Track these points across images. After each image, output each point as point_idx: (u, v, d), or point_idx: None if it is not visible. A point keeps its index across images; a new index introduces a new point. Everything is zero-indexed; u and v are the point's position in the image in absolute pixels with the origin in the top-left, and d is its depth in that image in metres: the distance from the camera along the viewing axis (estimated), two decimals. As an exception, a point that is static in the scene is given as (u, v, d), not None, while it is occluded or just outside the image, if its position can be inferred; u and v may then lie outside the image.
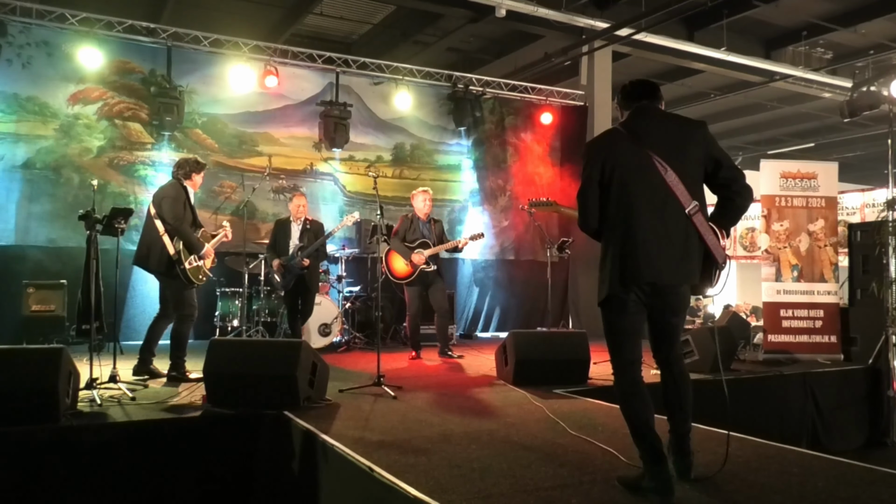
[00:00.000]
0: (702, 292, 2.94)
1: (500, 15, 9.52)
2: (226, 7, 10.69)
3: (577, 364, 5.37)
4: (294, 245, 6.96)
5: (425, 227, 7.14)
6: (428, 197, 7.21)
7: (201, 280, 5.54)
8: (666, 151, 2.76)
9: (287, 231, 7.05)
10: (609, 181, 2.81)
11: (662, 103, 2.98)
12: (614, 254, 2.79)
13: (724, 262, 2.81)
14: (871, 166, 19.27)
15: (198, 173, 5.71)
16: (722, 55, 11.28)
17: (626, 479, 2.84)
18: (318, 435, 3.67)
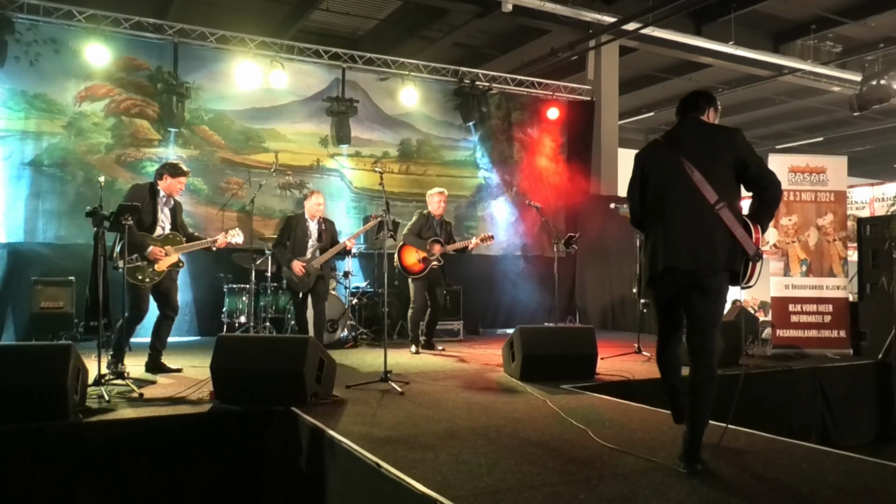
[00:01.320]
0: (739, 284, 3.14)
1: (506, 10, 9.49)
2: (232, 3, 10.70)
3: (584, 359, 5.36)
4: (312, 245, 6.85)
5: (438, 226, 7.36)
6: (443, 198, 7.39)
7: (141, 280, 5.30)
8: (694, 155, 3.19)
9: (305, 229, 6.87)
10: (647, 182, 3.34)
11: (710, 112, 3.40)
12: (651, 242, 3.28)
13: (755, 254, 3.08)
14: (880, 160, 19.17)
15: (172, 177, 5.57)
16: (730, 49, 11.23)
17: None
18: (326, 431, 3.67)
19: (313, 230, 6.88)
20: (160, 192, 5.54)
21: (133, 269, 5.24)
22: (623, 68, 12.91)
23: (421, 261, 7.08)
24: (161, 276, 5.40)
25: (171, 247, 5.45)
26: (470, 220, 10.10)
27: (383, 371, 5.03)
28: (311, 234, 6.85)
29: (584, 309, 10.47)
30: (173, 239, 5.52)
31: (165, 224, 5.56)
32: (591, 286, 10.39)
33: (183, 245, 5.54)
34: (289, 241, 6.85)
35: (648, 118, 17.20)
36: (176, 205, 5.74)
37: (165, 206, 5.58)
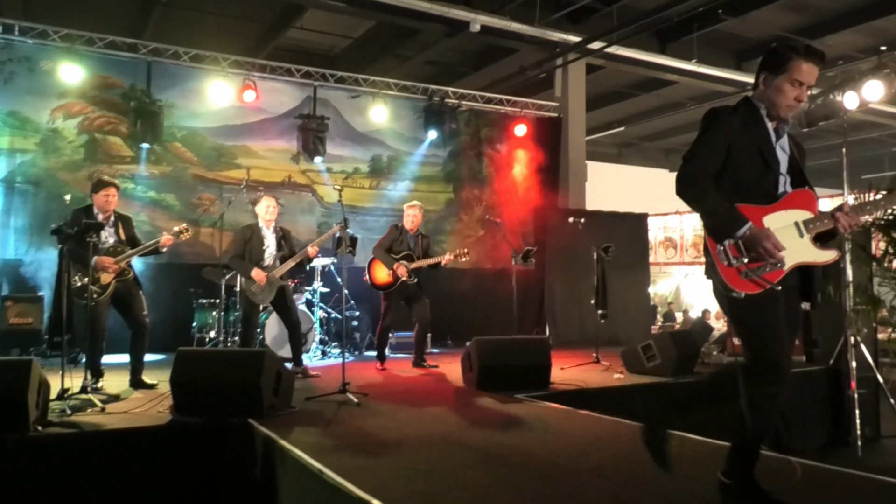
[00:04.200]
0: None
1: (474, 30, 9.76)
2: (209, 22, 10.87)
3: (538, 369, 5.55)
4: (271, 254, 6.46)
5: (412, 240, 7.24)
6: (414, 212, 7.27)
7: (87, 298, 5.26)
8: None
9: (260, 238, 6.47)
10: None
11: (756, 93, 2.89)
12: None
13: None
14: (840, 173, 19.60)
15: (94, 193, 5.62)
16: (693, 67, 11.56)
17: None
18: (277, 441, 3.82)
19: (270, 239, 6.50)
20: (95, 211, 5.61)
21: (80, 290, 5.28)
22: (592, 85, 13.23)
23: (390, 275, 7.02)
24: (109, 289, 5.45)
25: (112, 257, 5.48)
26: (440, 235, 10.28)
27: (342, 383, 5.17)
28: (269, 243, 6.49)
29: (555, 321, 10.66)
30: (114, 251, 5.53)
31: (109, 240, 5.60)
32: (560, 298, 10.59)
33: (126, 254, 5.56)
34: (246, 252, 6.45)
35: (621, 132, 17.53)
36: (119, 219, 5.76)
37: (105, 222, 5.60)
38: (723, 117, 2.69)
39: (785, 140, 2.76)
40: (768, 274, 2.57)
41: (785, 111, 2.69)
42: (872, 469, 6.08)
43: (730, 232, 2.57)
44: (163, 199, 8.55)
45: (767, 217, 2.63)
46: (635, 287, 11.39)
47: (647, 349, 6.35)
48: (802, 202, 2.69)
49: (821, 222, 2.65)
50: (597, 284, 7.33)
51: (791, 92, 2.65)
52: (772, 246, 2.53)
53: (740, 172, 2.66)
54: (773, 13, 10.92)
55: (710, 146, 2.65)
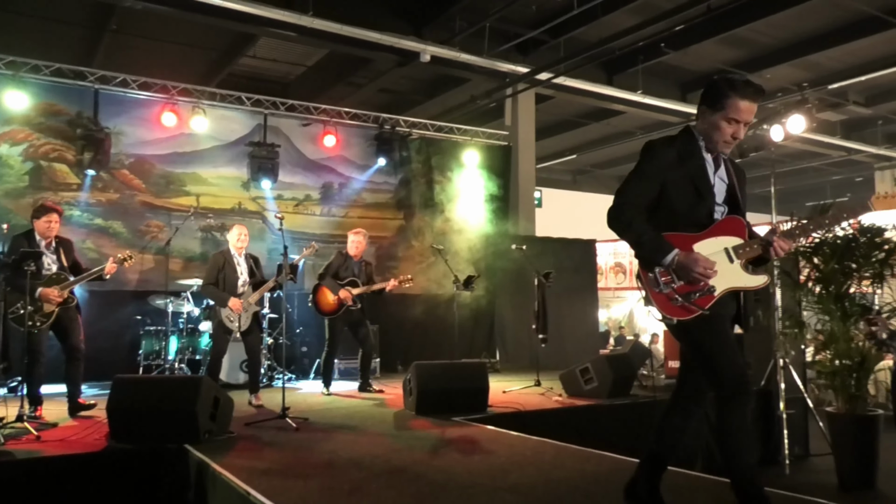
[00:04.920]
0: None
1: (424, 60, 10.00)
2: (161, 49, 10.93)
3: (476, 392, 5.68)
4: (245, 282, 6.47)
5: (356, 267, 7.35)
6: (358, 239, 7.39)
7: (32, 326, 5.29)
8: None
9: (233, 267, 6.46)
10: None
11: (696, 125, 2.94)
12: None
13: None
14: (790, 199, 20.29)
15: (36, 219, 5.64)
16: (638, 97, 11.97)
17: None
18: (210, 465, 3.88)
19: (243, 266, 6.53)
20: (37, 237, 5.61)
21: (20, 318, 5.27)
22: (543, 114, 13.59)
23: (335, 301, 7.12)
24: (51, 317, 5.45)
25: (56, 287, 5.48)
26: (392, 261, 10.40)
27: (281, 408, 5.23)
28: (241, 271, 6.50)
29: (504, 345, 10.82)
30: (57, 279, 5.54)
31: (52, 267, 5.61)
32: (510, 323, 10.77)
33: (68, 282, 5.57)
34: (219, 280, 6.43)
35: (574, 160, 17.95)
36: (61, 245, 5.76)
37: (47, 248, 5.63)
38: (657, 151, 2.76)
39: (723, 170, 2.82)
40: (699, 299, 2.61)
41: (721, 147, 2.76)
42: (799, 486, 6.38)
43: (658, 260, 2.63)
44: (110, 226, 8.53)
45: (697, 244, 2.69)
46: (584, 311, 11.65)
47: (584, 372, 6.54)
48: (732, 229, 2.75)
49: (750, 248, 2.72)
50: (537, 309, 7.52)
51: (727, 129, 2.72)
52: (702, 269, 2.59)
53: (674, 203, 2.73)
54: (714, 47, 11.41)
55: (642, 180, 2.74)
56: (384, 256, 10.37)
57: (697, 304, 2.61)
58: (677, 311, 2.63)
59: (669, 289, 2.63)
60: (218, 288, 6.39)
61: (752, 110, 2.72)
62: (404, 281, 7.32)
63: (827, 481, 6.37)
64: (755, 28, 10.64)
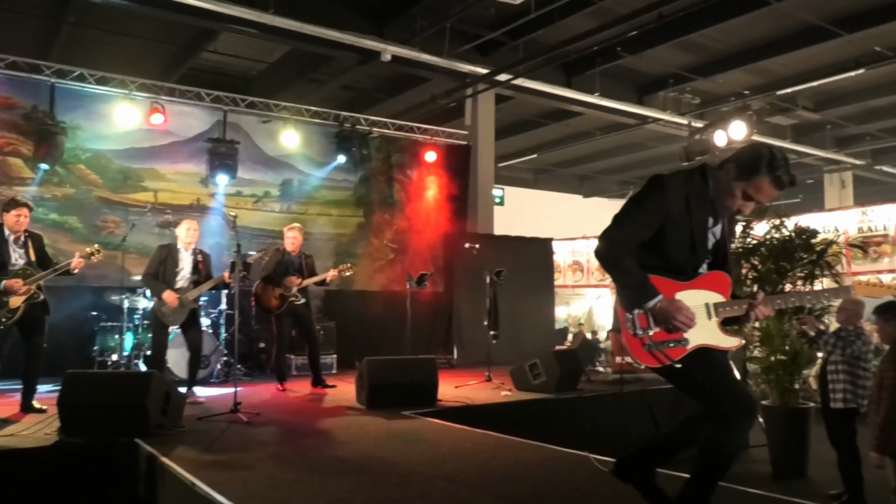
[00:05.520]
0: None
1: (385, 59, 10.09)
2: (120, 43, 10.82)
3: (426, 387, 5.86)
4: (185, 277, 6.47)
5: (296, 261, 7.43)
6: (294, 234, 7.48)
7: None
8: None
9: (176, 260, 6.48)
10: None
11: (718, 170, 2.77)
12: None
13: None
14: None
15: (5, 212, 5.64)
16: (595, 99, 12.22)
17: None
18: (159, 457, 3.98)
19: (187, 261, 6.53)
20: (6, 232, 5.62)
21: None
22: (504, 114, 13.79)
23: (277, 298, 7.18)
24: (17, 313, 5.48)
25: (21, 280, 5.49)
26: (351, 258, 10.45)
27: (233, 403, 5.34)
28: (184, 266, 6.51)
29: (461, 341, 11.00)
30: (23, 273, 5.55)
31: (20, 261, 5.61)
32: (467, 320, 10.94)
33: (36, 276, 5.58)
34: (160, 272, 6.47)
35: (535, 159, 18.20)
36: (29, 239, 5.77)
37: (15, 243, 5.64)
38: (668, 193, 2.62)
39: (719, 227, 2.73)
40: (671, 350, 2.53)
41: (723, 211, 2.69)
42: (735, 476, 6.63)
43: (640, 302, 2.52)
44: (66, 221, 8.49)
45: (680, 293, 2.60)
46: (541, 309, 11.89)
47: (533, 367, 6.75)
48: (716, 285, 2.67)
49: (731, 308, 2.65)
50: (489, 306, 7.72)
51: (740, 201, 2.61)
52: (684, 318, 2.50)
53: (667, 248, 2.63)
54: (669, 52, 11.69)
55: (643, 220, 2.61)
56: (343, 254, 10.46)
57: (668, 355, 2.53)
58: (647, 358, 2.56)
59: (644, 334, 2.54)
60: (157, 280, 6.43)
61: (773, 196, 2.62)
62: (343, 270, 7.41)
63: (762, 471, 6.68)
64: (708, 34, 10.95)
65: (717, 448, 2.60)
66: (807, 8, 9.89)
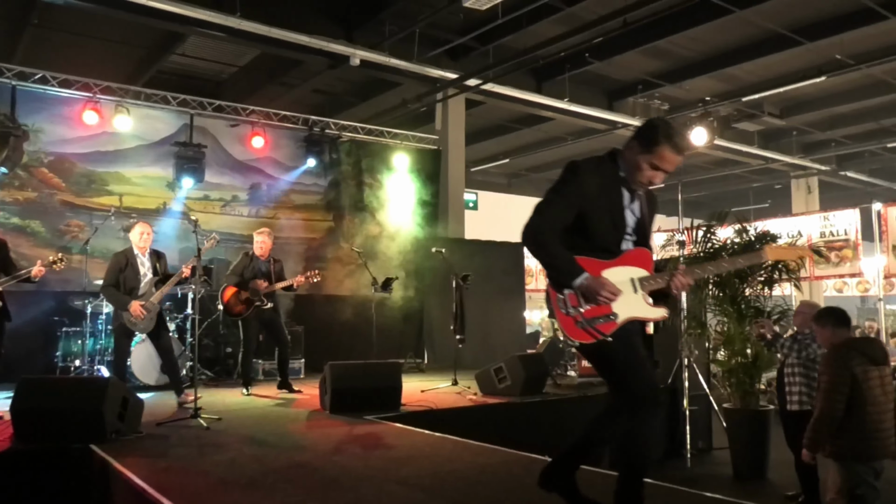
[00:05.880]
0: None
1: (354, 64, 10.10)
2: (86, 46, 10.72)
3: (389, 391, 5.85)
4: (147, 281, 6.39)
5: (264, 266, 7.40)
6: (263, 238, 7.45)
7: None
8: None
9: (135, 266, 6.38)
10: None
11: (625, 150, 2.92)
12: None
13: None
14: (713, 205, 21.14)
15: None
16: (565, 105, 12.31)
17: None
18: (112, 463, 3.94)
19: (146, 265, 6.44)
20: None
21: None
22: (475, 118, 13.86)
23: (243, 301, 7.15)
24: None
25: None
26: (320, 262, 10.44)
27: (194, 408, 5.30)
28: (144, 270, 6.41)
29: (432, 346, 11.01)
30: None
31: None
32: (438, 324, 10.95)
33: None
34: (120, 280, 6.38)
35: (508, 163, 18.30)
36: None
37: None
38: (583, 177, 2.76)
39: (637, 203, 2.88)
40: (602, 325, 2.67)
41: (637, 185, 2.83)
42: (697, 477, 6.75)
43: (568, 281, 2.66)
44: (27, 225, 8.38)
45: (606, 271, 2.73)
46: (512, 313, 11.94)
47: (498, 371, 6.78)
48: (640, 260, 2.82)
49: (655, 281, 2.80)
50: (455, 311, 7.74)
51: (648, 172, 2.76)
52: (608, 292, 2.64)
53: (589, 229, 2.77)
54: (636, 58, 11.84)
55: (563, 204, 2.75)
56: (313, 258, 10.43)
57: (599, 330, 2.67)
58: (580, 335, 2.69)
59: (576, 312, 2.68)
60: (119, 290, 6.33)
61: (676, 162, 2.78)
62: (311, 277, 7.40)
63: (723, 472, 6.79)
64: (675, 41, 11.12)
65: (632, 441, 2.76)
66: (770, 16, 10.08)
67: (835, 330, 3.97)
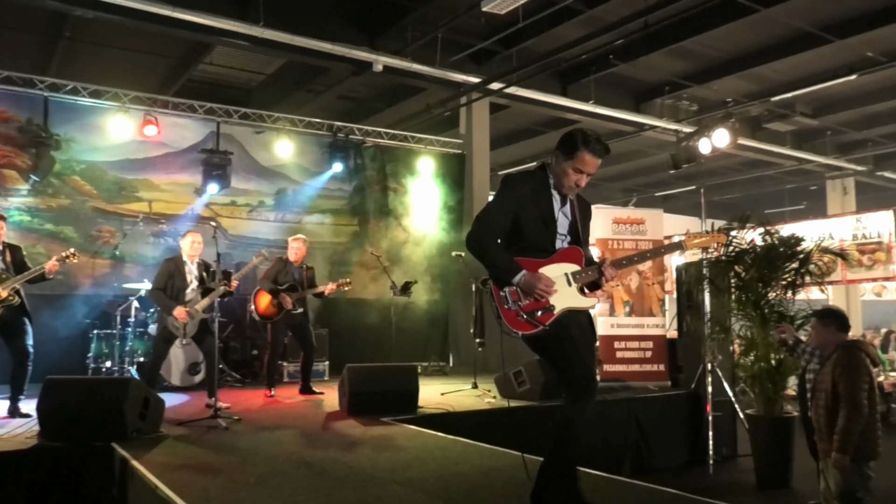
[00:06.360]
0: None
1: (377, 70, 10.19)
2: (117, 57, 11.00)
3: (406, 394, 5.90)
4: (193, 289, 6.54)
5: (297, 272, 7.55)
6: (298, 245, 7.61)
7: None
8: None
9: (183, 273, 6.57)
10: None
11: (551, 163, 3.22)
12: None
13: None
14: (747, 207, 20.76)
15: None
16: (590, 107, 12.25)
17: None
18: (130, 461, 4.05)
19: (193, 274, 6.61)
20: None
21: None
22: (502, 122, 13.86)
23: (275, 305, 7.29)
24: None
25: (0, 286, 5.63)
26: (346, 266, 10.57)
27: (214, 409, 5.41)
28: (191, 278, 6.59)
29: (457, 349, 11.04)
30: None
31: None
32: (462, 328, 10.96)
33: (9, 280, 5.71)
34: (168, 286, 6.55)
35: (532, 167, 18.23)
36: (7, 248, 5.93)
37: None
38: (515, 186, 3.11)
39: (568, 207, 3.19)
40: (541, 317, 2.95)
41: (566, 189, 3.13)
42: (718, 486, 6.65)
43: (508, 279, 2.96)
44: (61, 231, 8.63)
45: (543, 268, 3.03)
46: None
47: (517, 375, 6.77)
48: (572, 257, 3.13)
49: (585, 274, 3.10)
50: (475, 314, 7.76)
51: (573, 176, 3.08)
52: (544, 286, 2.93)
53: (525, 232, 3.08)
54: (662, 59, 11.72)
55: (499, 211, 3.09)
56: (338, 262, 10.54)
57: (539, 321, 2.95)
58: (522, 326, 2.96)
59: (517, 306, 2.96)
60: (165, 294, 6.48)
61: (595, 164, 3.08)
62: (342, 285, 7.52)
63: (746, 480, 6.67)
64: (701, 41, 10.97)
65: (564, 423, 3.00)
66: (797, 14, 9.90)
67: (837, 332, 3.98)
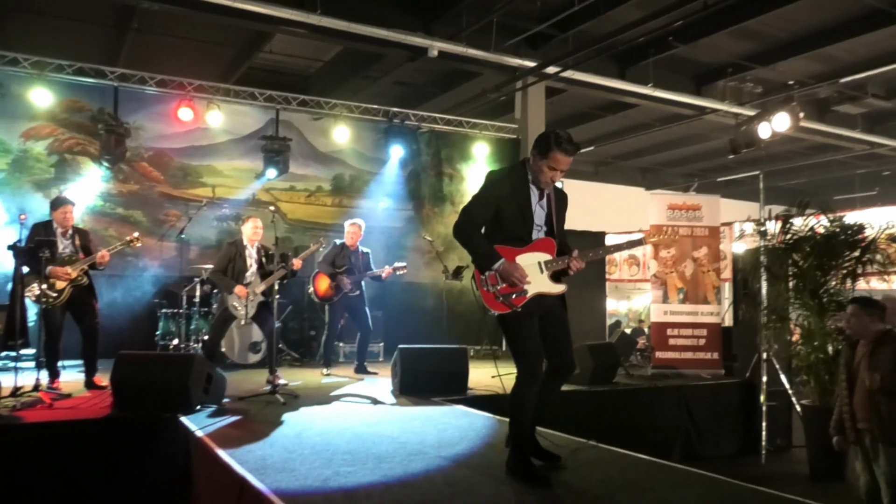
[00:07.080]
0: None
1: (432, 55, 10.27)
2: (182, 47, 11.40)
3: (456, 375, 6.04)
4: (253, 272, 6.73)
5: (353, 255, 7.77)
6: (354, 229, 7.83)
7: (46, 302, 5.84)
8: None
9: (244, 256, 6.77)
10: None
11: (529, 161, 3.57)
12: None
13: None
14: (815, 193, 20.09)
15: (53, 210, 6.18)
16: (649, 91, 12.04)
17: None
18: (194, 432, 4.31)
19: (253, 257, 6.80)
20: (55, 226, 6.14)
21: (37, 297, 5.80)
22: (557, 106, 13.76)
23: (332, 288, 7.54)
24: (63, 294, 5.95)
25: (68, 266, 5.99)
26: (401, 251, 10.73)
27: (272, 385, 5.65)
28: (251, 262, 6.78)
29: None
30: (68, 259, 6.05)
31: (66, 251, 6.12)
32: (516, 312, 11.01)
33: (78, 262, 6.06)
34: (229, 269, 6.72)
35: (594, 151, 18.03)
36: (77, 233, 6.28)
37: (63, 236, 6.15)
38: (496, 182, 3.53)
39: (545, 200, 3.59)
40: (515, 299, 3.38)
41: (542, 185, 3.51)
42: (770, 476, 6.58)
43: (488, 265, 3.38)
44: (131, 215, 9.07)
45: (519, 256, 3.44)
46: (592, 302, 11.86)
47: (567, 358, 6.79)
48: (545, 247, 3.54)
49: (556, 263, 3.53)
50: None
51: (548, 173, 3.45)
52: (519, 275, 3.35)
53: (505, 223, 3.49)
54: (725, 40, 11.41)
55: (482, 204, 3.50)
56: (394, 247, 10.72)
57: (513, 303, 3.38)
58: (498, 307, 3.41)
59: (495, 289, 3.38)
60: (226, 276, 6.71)
61: (567, 162, 3.45)
62: (399, 269, 7.69)
63: (800, 471, 6.58)
64: (765, 21, 10.63)
65: (513, 400, 3.49)
66: (869, -9, 9.52)
67: (879, 325, 3.96)
